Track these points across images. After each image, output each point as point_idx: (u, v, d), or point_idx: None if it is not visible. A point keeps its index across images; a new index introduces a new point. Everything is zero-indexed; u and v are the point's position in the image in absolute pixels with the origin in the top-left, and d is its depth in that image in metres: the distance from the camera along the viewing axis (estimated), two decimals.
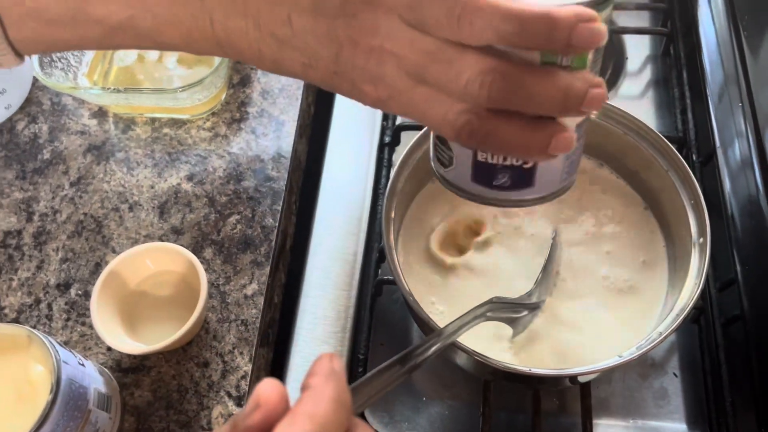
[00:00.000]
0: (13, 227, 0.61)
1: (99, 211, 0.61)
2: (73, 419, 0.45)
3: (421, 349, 0.39)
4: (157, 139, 0.65)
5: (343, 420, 0.26)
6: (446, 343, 0.40)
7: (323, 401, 0.26)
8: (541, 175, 0.36)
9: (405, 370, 0.37)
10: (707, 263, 0.47)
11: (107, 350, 0.55)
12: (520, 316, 0.49)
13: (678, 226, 0.52)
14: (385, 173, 0.67)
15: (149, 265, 0.55)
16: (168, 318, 0.54)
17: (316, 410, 0.26)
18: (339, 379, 0.27)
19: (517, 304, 0.48)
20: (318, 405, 0.26)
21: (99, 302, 0.52)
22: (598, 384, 0.57)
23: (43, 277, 0.58)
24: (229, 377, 0.54)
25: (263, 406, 0.26)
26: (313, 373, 0.27)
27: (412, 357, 0.38)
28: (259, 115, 0.66)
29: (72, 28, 0.39)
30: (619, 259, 0.55)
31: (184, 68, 0.66)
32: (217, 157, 0.64)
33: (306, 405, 0.26)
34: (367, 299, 0.60)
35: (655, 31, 0.76)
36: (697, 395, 0.57)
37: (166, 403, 0.53)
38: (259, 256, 0.59)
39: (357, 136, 0.69)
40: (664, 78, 0.75)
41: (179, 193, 0.62)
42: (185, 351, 0.55)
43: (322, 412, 0.26)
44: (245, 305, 0.56)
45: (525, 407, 0.56)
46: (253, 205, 0.61)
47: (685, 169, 0.51)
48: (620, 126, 0.55)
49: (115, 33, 0.38)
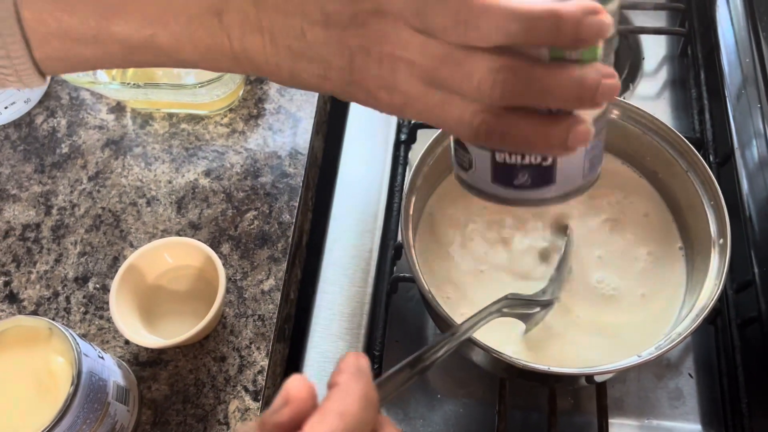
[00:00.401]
0: (31, 220, 0.61)
1: (117, 205, 0.62)
2: (93, 411, 0.46)
3: (437, 347, 0.39)
4: (175, 135, 0.66)
5: (371, 418, 0.27)
6: (462, 339, 0.40)
7: (352, 399, 0.26)
8: (561, 172, 0.36)
9: (421, 369, 0.37)
10: (727, 264, 0.46)
11: (125, 344, 0.55)
12: (533, 313, 0.49)
13: (697, 226, 0.52)
14: (401, 171, 0.67)
15: (168, 260, 0.55)
16: (185, 312, 0.55)
17: (346, 408, 0.26)
18: (366, 377, 0.27)
19: (531, 300, 0.49)
20: (347, 402, 0.26)
21: (118, 296, 0.52)
22: (614, 384, 0.57)
23: (61, 270, 0.59)
24: (246, 372, 0.54)
25: (292, 402, 0.26)
26: (341, 370, 0.27)
27: (429, 355, 0.38)
28: (276, 112, 0.67)
29: (94, 47, 0.39)
30: (636, 259, 0.55)
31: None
32: (235, 153, 0.64)
33: (335, 402, 0.26)
34: (382, 296, 0.60)
35: (673, 31, 0.75)
36: (712, 396, 0.57)
37: (183, 396, 0.53)
38: (276, 251, 0.59)
39: (373, 133, 0.70)
40: (681, 79, 0.75)
41: (197, 188, 0.62)
42: (202, 345, 0.55)
43: (352, 410, 0.26)
44: (262, 300, 0.57)
45: (540, 406, 0.56)
46: (270, 201, 0.61)
47: (705, 169, 0.51)
48: (639, 126, 0.55)
49: (136, 51, 0.39)
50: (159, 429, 0.52)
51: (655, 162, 0.55)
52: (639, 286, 0.53)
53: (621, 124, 0.55)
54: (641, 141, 0.55)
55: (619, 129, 0.56)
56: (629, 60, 0.76)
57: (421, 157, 0.54)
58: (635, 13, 0.78)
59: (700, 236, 0.51)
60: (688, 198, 0.53)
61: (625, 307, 0.52)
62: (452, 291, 0.54)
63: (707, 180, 0.51)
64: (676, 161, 0.53)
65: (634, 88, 0.75)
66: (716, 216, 0.50)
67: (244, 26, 0.37)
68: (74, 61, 0.41)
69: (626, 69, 0.75)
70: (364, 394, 0.26)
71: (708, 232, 0.50)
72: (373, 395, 0.27)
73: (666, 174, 0.55)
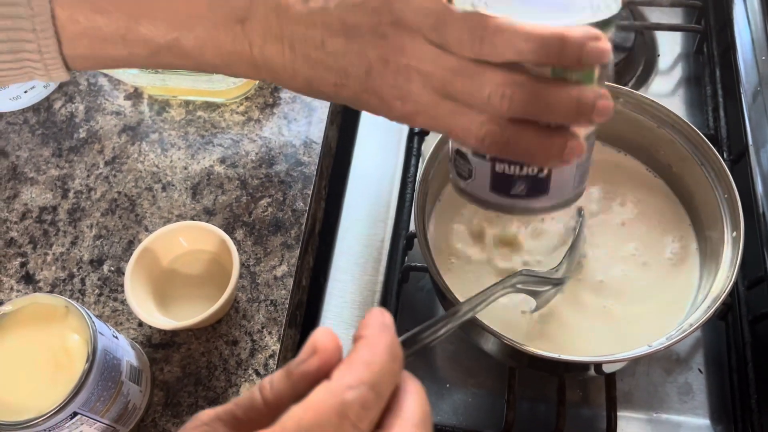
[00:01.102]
0: (48, 203, 0.62)
1: (132, 190, 0.62)
2: (107, 389, 0.46)
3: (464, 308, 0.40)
4: (191, 122, 0.66)
5: (396, 371, 0.27)
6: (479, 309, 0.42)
7: (379, 350, 0.26)
8: (554, 184, 0.38)
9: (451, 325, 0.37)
10: (740, 255, 0.47)
11: (138, 326, 0.56)
12: (544, 290, 0.50)
13: (710, 220, 0.52)
14: (414, 162, 0.67)
15: (183, 243, 0.56)
16: (198, 296, 0.55)
17: (373, 358, 0.26)
18: (392, 332, 0.28)
19: (544, 278, 0.50)
20: (374, 354, 0.26)
21: (132, 278, 0.53)
22: (623, 377, 0.57)
23: (77, 252, 0.60)
24: (258, 356, 0.54)
25: (321, 352, 0.26)
26: (366, 324, 0.28)
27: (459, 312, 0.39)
28: (291, 101, 0.67)
29: (122, 47, 0.41)
30: (648, 252, 0.55)
31: None
32: (250, 141, 0.65)
33: (362, 353, 0.26)
34: (393, 285, 0.60)
35: (689, 28, 0.75)
36: (721, 392, 0.57)
37: (195, 379, 0.54)
38: (289, 238, 0.59)
39: (387, 125, 0.69)
40: (696, 76, 0.75)
41: (212, 175, 0.63)
42: (215, 329, 0.56)
43: (378, 361, 0.26)
44: (275, 286, 0.57)
45: (549, 397, 0.56)
46: (284, 188, 0.62)
47: (720, 163, 0.51)
48: (654, 119, 0.55)
49: (161, 52, 0.41)
50: (170, 410, 0.53)
51: (669, 155, 0.56)
52: (651, 279, 0.53)
53: (635, 117, 0.56)
54: (655, 134, 0.55)
55: (634, 122, 0.56)
56: (644, 56, 0.76)
57: (434, 149, 0.54)
58: (651, 10, 0.78)
59: (713, 229, 0.52)
60: (702, 191, 0.53)
61: (636, 299, 0.52)
62: (463, 279, 0.54)
63: (721, 173, 0.51)
64: (690, 154, 0.53)
65: (649, 84, 0.75)
66: (730, 209, 0.50)
67: (266, 35, 0.39)
68: (101, 59, 0.43)
69: (641, 65, 0.75)
70: (390, 346, 0.27)
71: (721, 225, 0.50)
72: (398, 349, 0.27)
73: (680, 167, 0.55)
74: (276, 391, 0.27)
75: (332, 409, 0.24)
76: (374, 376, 0.25)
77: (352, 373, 0.25)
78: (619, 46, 0.74)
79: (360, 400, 0.25)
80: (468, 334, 0.54)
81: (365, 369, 0.25)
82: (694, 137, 0.53)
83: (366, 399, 0.25)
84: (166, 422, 0.52)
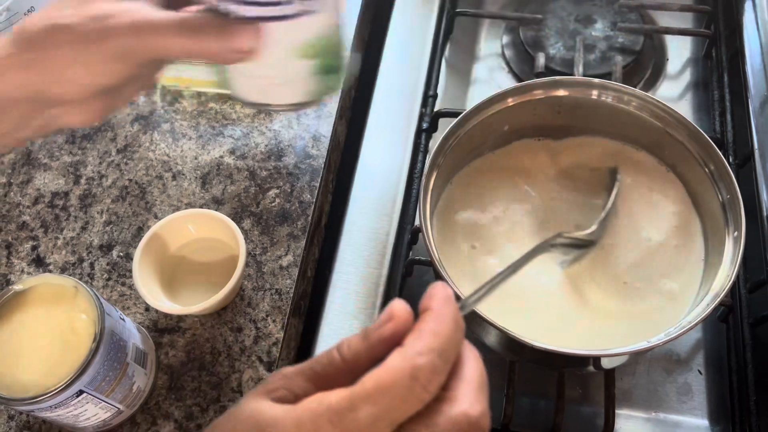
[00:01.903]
0: (60, 189, 0.63)
1: (143, 177, 0.64)
2: (113, 369, 0.47)
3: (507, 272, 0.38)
4: (203, 113, 0.67)
5: (460, 339, 0.30)
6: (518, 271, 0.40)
7: (445, 321, 0.29)
8: None
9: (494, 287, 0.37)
10: (741, 254, 0.47)
11: (145, 310, 0.57)
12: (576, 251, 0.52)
13: (712, 220, 0.52)
14: (421, 158, 0.68)
15: (191, 231, 0.56)
16: (205, 283, 0.56)
17: (440, 328, 0.29)
18: (455, 304, 0.30)
19: (579, 240, 0.51)
20: (441, 324, 0.29)
21: (141, 262, 0.53)
22: (622, 375, 0.58)
23: (87, 237, 0.61)
24: (261, 343, 0.55)
25: (396, 319, 0.29)
26: (432, 296, 0.30)
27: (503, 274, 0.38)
28: None
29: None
30: (653, 250, 0.55)
31: None
32: (259, 133, 0.66)
33: (430, 323, 0.29)
34: (397, 278, 0.61)
35: (699, 32, 0.76)
36: (720, 393, 0.58)
37: (199, 364, 0.55)
38: (296, 229, 0.60)
39: (395, 120, 0.71)
40: (704, 81, 0.75)
41: (221, 165, 0.64)
42: (220, 316, 0.56)
43: (445, 331, 0.29)
44: (280, 275, 0.58)
45: (548, 392, 0.56)
46: (292, 180, 0.63)
47: (723, 163, 0.51)
48: (658, 119, 0.55)
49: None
50: (174, 393, 0.53)
51: (672, 155, 0.56)
52: (654, 276, 0.54)
53: (640, 116, 0.56)
54: (660, 133, 0.55)
55: (639, 121, 0.56)
56: (653, 60, 0.76)
57: (440, 142, 0.55)
58: (661, 14, 0.79)
59: (715, 230, 0.52)
60: (705, 192, 0.53)
61: (639, 296, 0.53)
62: (467, 273, 0.55)
63: (724, 173, 0.51)
64: (694, 155, 0.54)
65: (657, 87, 0.75)
66: (732, 209, 0.50)
67: None
68: None
69: (650, 68, 0.76)
70: (454, 317, 0.29)
71: (723, 225, 0.50)
72: (461, 320, 0.30)
73: (683, 167, 0.55)
74: (354, 351, 0.29)
75: (405, 372, 0.27)
76: (441, 344, 0.28)
77: (423, 341, 0.28)
78: (628, 49, 0.74)
79: (429, 365, 0.27)
80: (468, 326, 0.54)
81: (434, 338, 0.28)
82: (698, 137, 0.53)
83: (435, 364, 0.28)
84: (169, 405, 0.53)
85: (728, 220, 0.50)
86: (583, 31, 0.76)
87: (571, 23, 0.76)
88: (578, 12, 0.77)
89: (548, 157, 0.60)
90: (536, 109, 0.58)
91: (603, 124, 0.59)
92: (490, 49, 0.80)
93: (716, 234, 0.51)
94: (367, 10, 0.77)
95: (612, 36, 0.75)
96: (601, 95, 0.57)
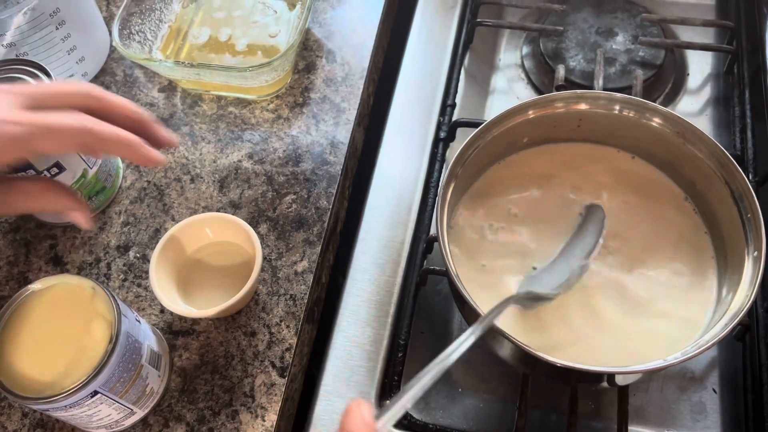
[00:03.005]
0: None
1: (162, 180, 0.64)
2: (127, 371, 0.47)
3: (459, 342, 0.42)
4: (222, 117, 0.68)
5: None
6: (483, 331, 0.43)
7: None
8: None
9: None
10: (761, 274, 0.46)
11: (160, 312, 0.57)
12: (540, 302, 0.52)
13: (731, 238, 0.52)
14: (438, 167, 0.68)
15: (208, 234, 0.57)
16: (220, 287, 0.56)
17: None
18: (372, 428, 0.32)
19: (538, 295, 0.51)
20: None
21: (157, 264, 0.54)
22: (636, 392, 0.57)
23: (104, 238, 0.61)
24: (275, 348, 0.55)
25: None
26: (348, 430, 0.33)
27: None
28: (320, 101, 0.68)
29: None
30: (667, 269, 0.55)
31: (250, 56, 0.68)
32: (278, 138, 0.66)
33: None
34: (411, 287, 0.61)
35: (721, 48, 0.75)
36: (735, 413, 0.57)
37: (212, 367, 0.55)
38: (312, 235, 0.60)
39: (413, 129, 0.71)
40: (725, 97, 0.75)
41: (239, 169, 0.64)
42: (234, 320, 0.57)
43: None
44: (295, 281, 0.58)
45: (560, 407, 0.56)
46: (309, 186, 0.63)
47: (744, 181, 0.51)
48: (680, 135, 0.55)
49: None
50: (187, 396, 0.54)
51: (692, 172, 0.56)
52: (669, 295, 0.53)
53: (661, 132, 0.56)
54: (681, 150, 0.55)
55: (659, 137, 0.56)
56: (674, 75, 0.76)
57: (460, 152, 0.55)
58: (684, 29, 0.79)
59: (733, 249, 0.51)
60: (724, 210, 0.53)
61: (653, 314, 0.52)
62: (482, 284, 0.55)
63: (745, 192, 0.51)
64: (714, 172, 0.53)
65: (677, 102, 0.75)
66: (752, 228, 0.50)
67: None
68: None
69: (670, 83, 0.75)
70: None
71: (743, 244, 0.50)
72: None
73: (703, 185, 0.55)
74: None
75: None
76: None
77: None
78: (648, 63, 0.74)
79: None
80: (483, 338, 0.54)
81: None
82: (719, 154, 0.53)
83: None
84: (181, 408, 0.53)
85: (748, 239, 0.50)
86: (604, 44, 0.75)
87: (592, 36, 0.76)
88: (599, 25, 0.77)
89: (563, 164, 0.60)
90: (556, 121, 0.58)
91: (621, 138, 0.59)
92: (510, 60, 0.80)
93: (735, 253, 0.51)
94: (387, 18, 0.77)
95: (633, 49, 0.75)
96: (623, 110, 0.56)
